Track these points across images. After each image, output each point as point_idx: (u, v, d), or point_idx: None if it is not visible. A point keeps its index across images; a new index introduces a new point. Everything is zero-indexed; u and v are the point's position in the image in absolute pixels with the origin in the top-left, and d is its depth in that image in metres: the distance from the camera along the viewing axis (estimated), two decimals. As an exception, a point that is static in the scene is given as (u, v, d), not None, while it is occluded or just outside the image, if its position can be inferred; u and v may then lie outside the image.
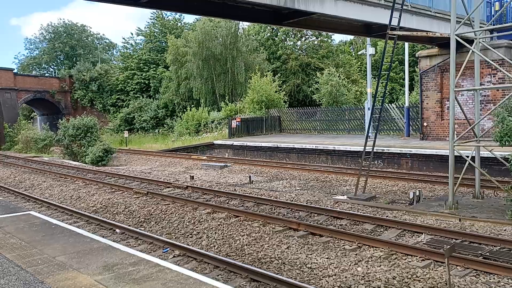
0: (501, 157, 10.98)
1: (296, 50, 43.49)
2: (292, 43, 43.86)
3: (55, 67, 63.39)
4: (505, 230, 8.82)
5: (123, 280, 5.66)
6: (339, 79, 32.91)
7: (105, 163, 23.54)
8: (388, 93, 38.96)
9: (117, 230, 9.78)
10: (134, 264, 6.27)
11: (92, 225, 10.51)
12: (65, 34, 63.34)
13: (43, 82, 48.20)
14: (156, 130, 43.23)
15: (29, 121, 47.35)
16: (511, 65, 16.95)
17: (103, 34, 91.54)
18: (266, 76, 34.05)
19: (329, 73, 33.25)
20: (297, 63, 41.48)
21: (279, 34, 43.86)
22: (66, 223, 9.84)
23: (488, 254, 7.36)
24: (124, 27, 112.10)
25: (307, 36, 43.66)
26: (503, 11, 18.69)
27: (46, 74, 60.16)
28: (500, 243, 7.81)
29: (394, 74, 40.79)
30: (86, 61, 54.83)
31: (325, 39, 43.58)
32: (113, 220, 10.87)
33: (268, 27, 43.45)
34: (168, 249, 8.31)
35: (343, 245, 8.23)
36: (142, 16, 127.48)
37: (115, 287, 5.43)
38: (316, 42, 43.59)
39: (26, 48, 76.90)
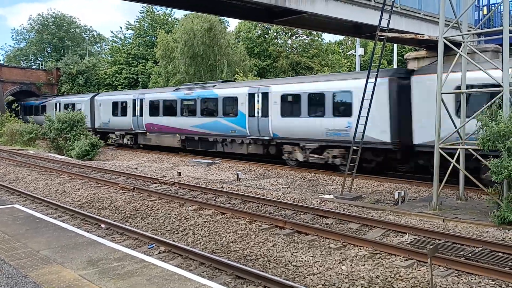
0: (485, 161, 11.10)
1: (287, 48, 43.52)
2: (283, 41, 43.86)
3: (42, 59, 62.51)
4: (487, 231, 8.97)
5: (107, 275, 5.64)
6: None
7: (91, 158, 23.31)
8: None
9: (102, 225, 9.72)
10: (119, 259, 6.25)
11: (77, 219, 10.42)
12: (53, 26, 62.51)
13: (30, 74, 47.46)
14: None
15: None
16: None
17: (91, 27, 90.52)
18: (250, 74, 34.06)
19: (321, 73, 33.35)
20: (287, 61, 41.51)
21: (270, 32, 43.85)
22: (51, 217, 9.74)
23: (470, 255, 7.49)
24: (112, 19, 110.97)
25: (297, 35, 43.72)
26: (490, 16, 18.92)
27: (33, 66, 59.32)
28: (482, 244, 7.94)
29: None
30: (74, 54, 54.13)
31: (316, 38, 43.67)
32: (99, 215, 10.80)
33: (259, 25, 43.37)
34: (154, 245, 8.28)
35: (328, 244, 8.29)
36: (132, 10, 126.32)
37: (99, 282, 5.41)
38: (306, 41, 43.66)
39: (13, 39, 75.90)
